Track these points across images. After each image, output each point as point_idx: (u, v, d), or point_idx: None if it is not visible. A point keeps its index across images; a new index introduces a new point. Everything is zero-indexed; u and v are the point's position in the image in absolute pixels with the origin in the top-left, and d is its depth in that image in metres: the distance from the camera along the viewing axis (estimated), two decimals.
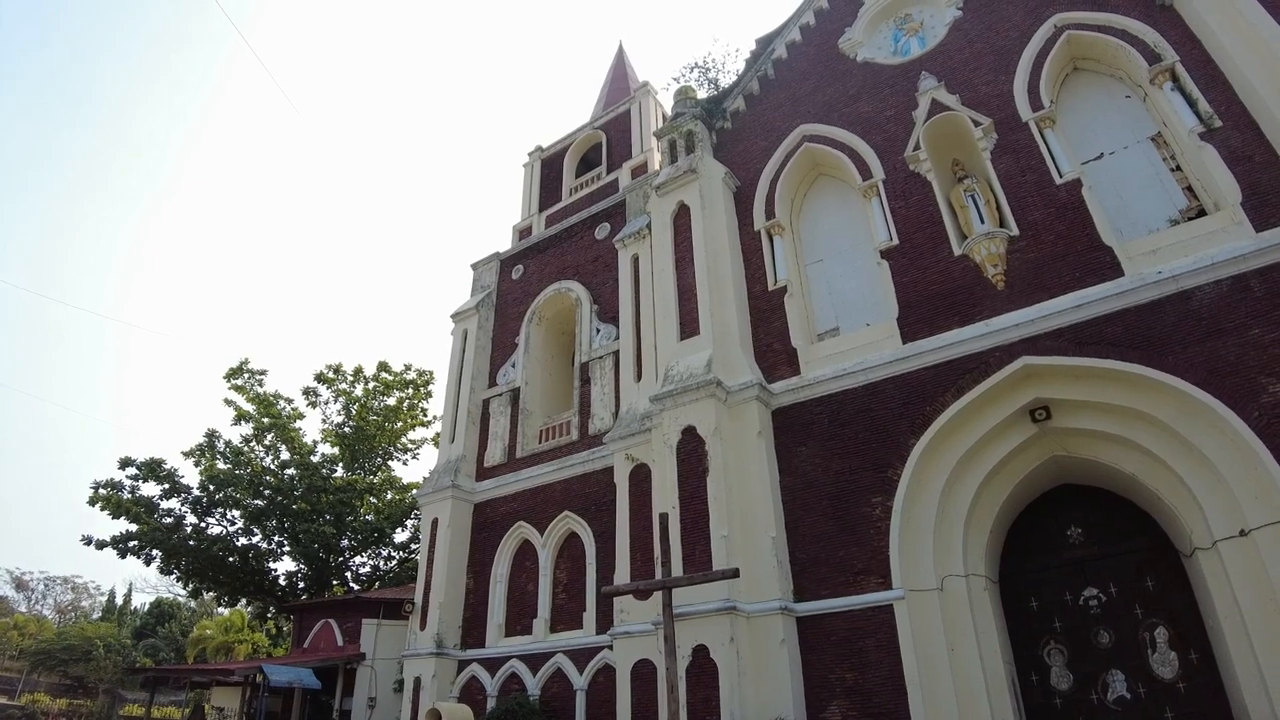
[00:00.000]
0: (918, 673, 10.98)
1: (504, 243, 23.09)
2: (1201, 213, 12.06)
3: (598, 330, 17.95)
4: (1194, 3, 12.63)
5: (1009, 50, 14.41)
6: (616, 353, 17.03)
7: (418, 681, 15.99)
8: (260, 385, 32.55)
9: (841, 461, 12.82)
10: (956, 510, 12.16)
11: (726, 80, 18.68)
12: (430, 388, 35.50)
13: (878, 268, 13.99)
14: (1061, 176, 12.81)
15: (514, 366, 19.20)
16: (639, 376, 15.95)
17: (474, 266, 22.07)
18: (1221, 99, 12.10)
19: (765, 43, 18.15)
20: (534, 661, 15.23)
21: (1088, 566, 12.46)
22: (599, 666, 14.22)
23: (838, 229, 15.49)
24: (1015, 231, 12.82)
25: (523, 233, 22.48)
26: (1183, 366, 10.78)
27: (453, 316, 20.94)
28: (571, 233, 20.32)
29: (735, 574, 10.82)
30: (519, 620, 16.14)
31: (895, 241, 13.96)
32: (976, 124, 13.89)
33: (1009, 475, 12.37)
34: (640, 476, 14.54)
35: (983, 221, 13.19)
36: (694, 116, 17.66)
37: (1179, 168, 12.62)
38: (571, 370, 18.38)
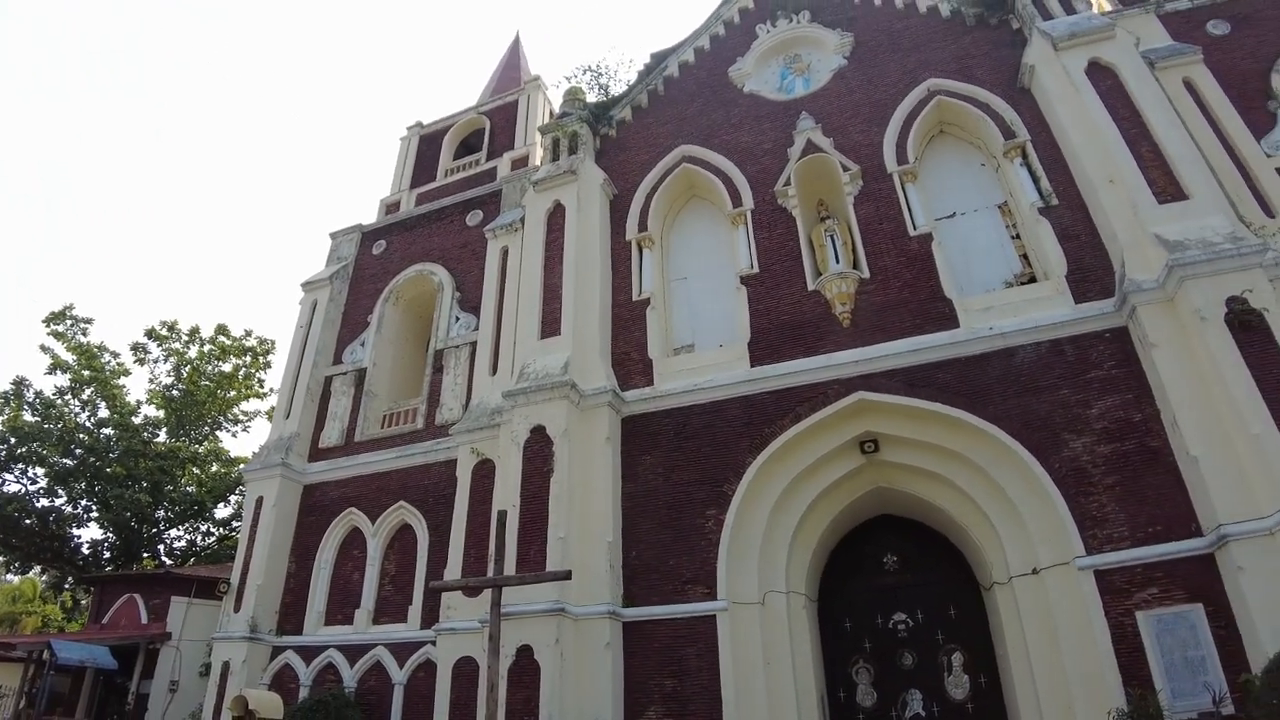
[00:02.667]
0: (734, 683, 11.43)
1: (368, 216, 22.23)
2: (1032, 279, 13.42)
3: (457, 318, 17.59)
4: (1048, 91, 14.02)
5: (884, 104, 15.44)
6: (474, 343, 16.74)
7: (226, 666, 15.01)
8: (84, 334, 29.77)
9: (682, 473, 13.21)
10: (784, 529, 12.79)
11: (617, 88, 18.96)
12: (270, 358, 33.52)
13: (736, 292, 14.55)
14: (915, 229, 13.90)
15: (363, 345, 18.43)
16: (494, 370, 15.76)
17: (333, 236, 21.03)
18: (1061, 180, 13.51)
19: (659, 58, 18.50)
20: (353, 653, 14.69)
21: (899, 593, 13.45)
22: (420, 662, 13.91)
23: (704, 250, 15.99)
24: (866, 274, 13.77)
25: (390, 207, 21.73)
26: (1001, 416, 11.90)
27: (303, 285, 19.81)
28: (442, 215, 19.81)
29: (568, 576, 10.96)
30: (341, 609, 15.51)
31: (755, 270, 14.60)
32: (845, 169, 14.81)
33: (835, 501, 13.16)
34: (483, 472, 14.39)
35: (838, 261, 14.03)
36: (581, 119, 17.71)
37: (1018, 236, 14.02)
38: (424, 356, 17.86)
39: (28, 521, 26.76)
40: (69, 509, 27.88)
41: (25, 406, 27.92)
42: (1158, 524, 10.75)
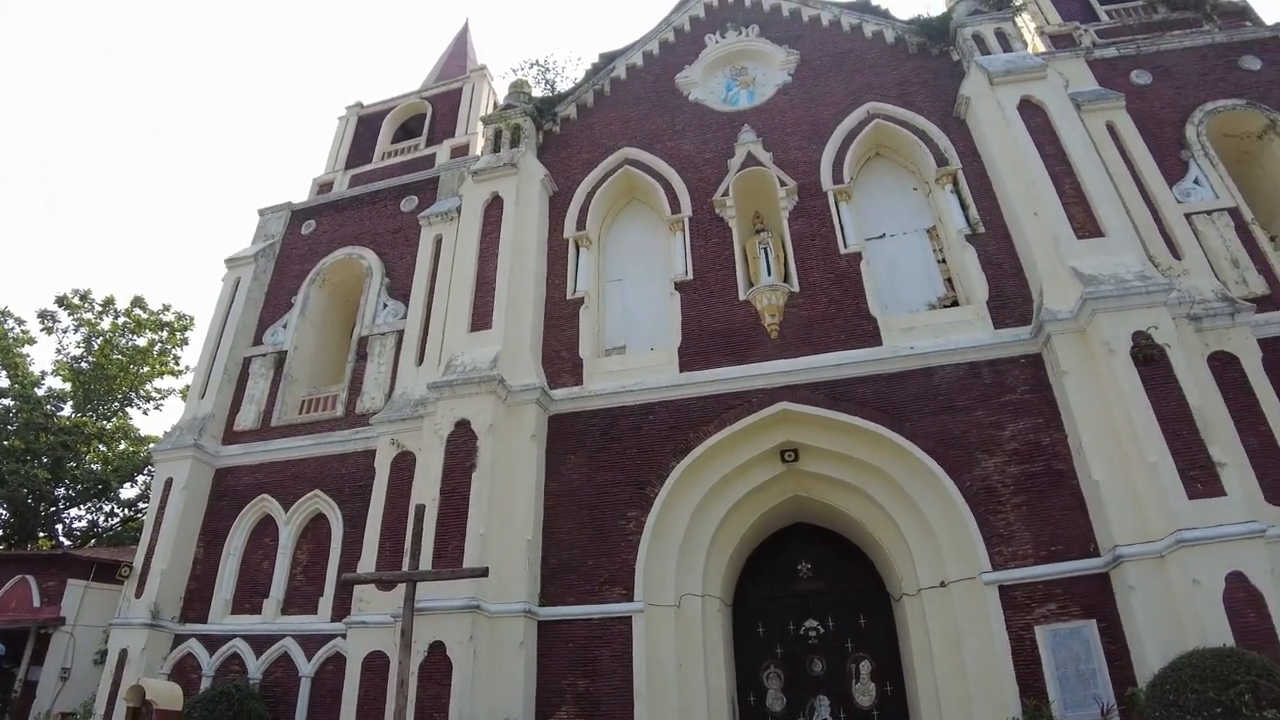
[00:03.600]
0: (646, 685, 11.49)
1: (299, 195, 21.58)
2: (955, 303, 13.97)
3: (384, 305, 17.20)
4: (981, 123, 14.62)
5: (824, 123, 15.83)
6: (401, 332, 16.38)
7: (124, 654, 14.25)
8: None
9: (606, 474, 13.23)
10: (704, 533, 12.95)
11: (564, 85, 18.76)
12: (188, 334, 32.11)
13: (670, 297, 14.68)
14: (846, 247, 14.31)
15: (285, 327, 17.84)
16: (420, 360, 15.45)
17: (261, 212, 20.30)
18: (988, 209, 14.10)
19: (608, 59, 18.50)
20: (260, 643, 14.17)
21: (812, 600, 13.74)
22: (329, 655, 13.52)
23: (641, 253, 16.06)
24: (796, 288, 14.08)
25: (323, 187, 21.11)
26: (917, 433, 12.33)
27: (227, 261, 19.04)
28: (376, 198, 19.35)
29: (485, 573, 10.92)
30: (249, 598, 14.95)
31: (690, 276, 14.75)
32: (782, 184, 15.12)
33: (754, 507, 13.39)
34: (403, 464, 14.11)
35: (769, 274, 14.31)
36: (525, 112, 17.57)
37: (944, 260, 14.56)
38: (348, 342, 17.36)
39: None
40: None
41: None
42: (1059, 543, 11.30)
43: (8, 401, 27.24)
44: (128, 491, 29.80)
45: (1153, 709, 9.02)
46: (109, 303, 30.74)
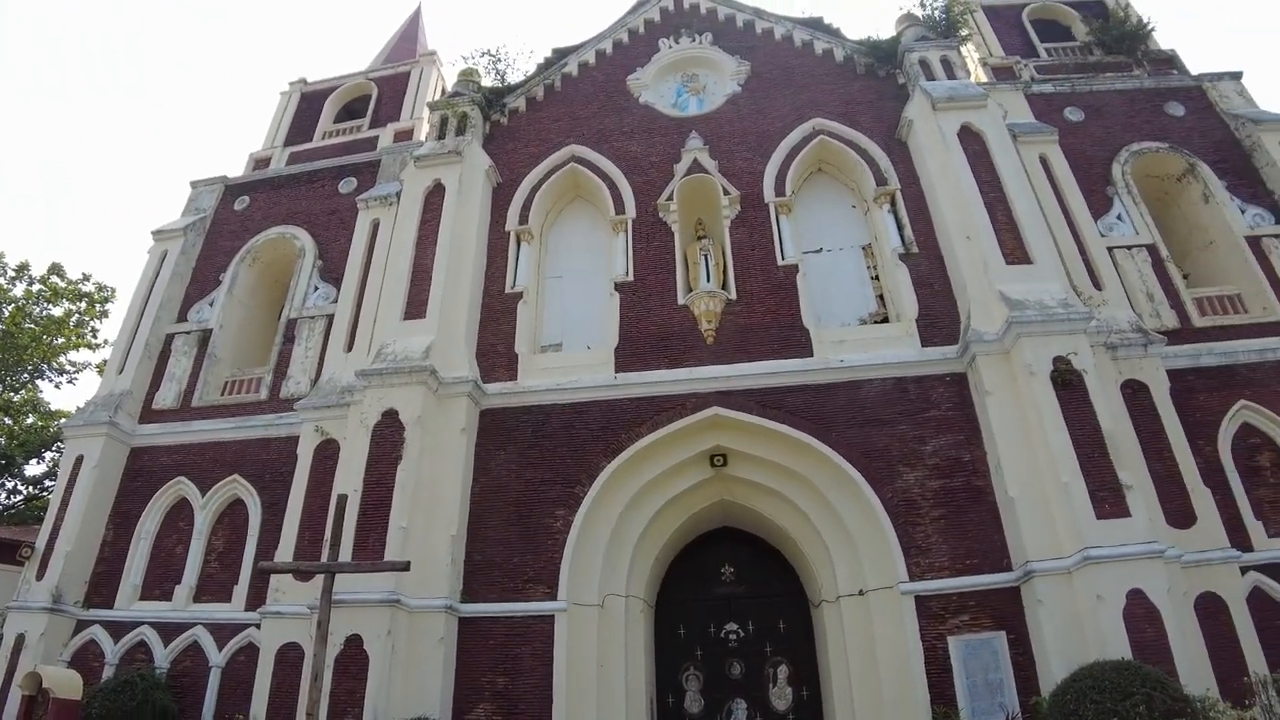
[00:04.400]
0: (566, 684, 11.45)
1: (234, 169, 20.89)
2: (885, 319, 14.37)
3: (316, 288, 16.75)
4: (921, 147, 15.09)
5: (770, 136, 16.07)
6: (331, 316, 15.97)
7: (21, 639, 13.44)
8: None
9: (536, 471, 13.13)
10: (630, 534, 12.98)
11: (515, 77, 18.56)
12: (108, 306, 30.71)
13: (609, 298, 14.68)
14: (784, 259, 14.55)
15: (212, 305, 17.22)
16: (350, 347, 15.07)
17: (193, 184, 19.57)
18: (923, 231, 14.54)
19: (561, 54, 18.44)
20: (169, 632, 13.59)
21: (733, 604, 13.90)
22: (242, 645, 13.07)
23: (582, 251, 16.03)
24: (734, 296, 14.25)
25: (260, 162, 20.48)
26: (843, 444, 12.62)
27: (154, 233, 18.28)
28: (314, 177, 18.86)
29: (406, 567, 10.78)
30: (160, 584, 14.30)
31: (630, 278, 14.78)
32: (726, 193, 15.31)
33: (682, 510, 13.50)
34: (327, 452, 13.78)
35: (708, 280, 14.45)
36: (473, 101, 17.34)
37: (877, 277, 14.97)
38: (277, 324, 16.86)
39: None
40: None
41: None
42: (974, 557, 11.70)
43: None
44: (33, 468, 28.39)
45: (1054, 718, 9.39)
46: (23, 268, 29.19)
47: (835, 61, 17.22)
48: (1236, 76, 17.56)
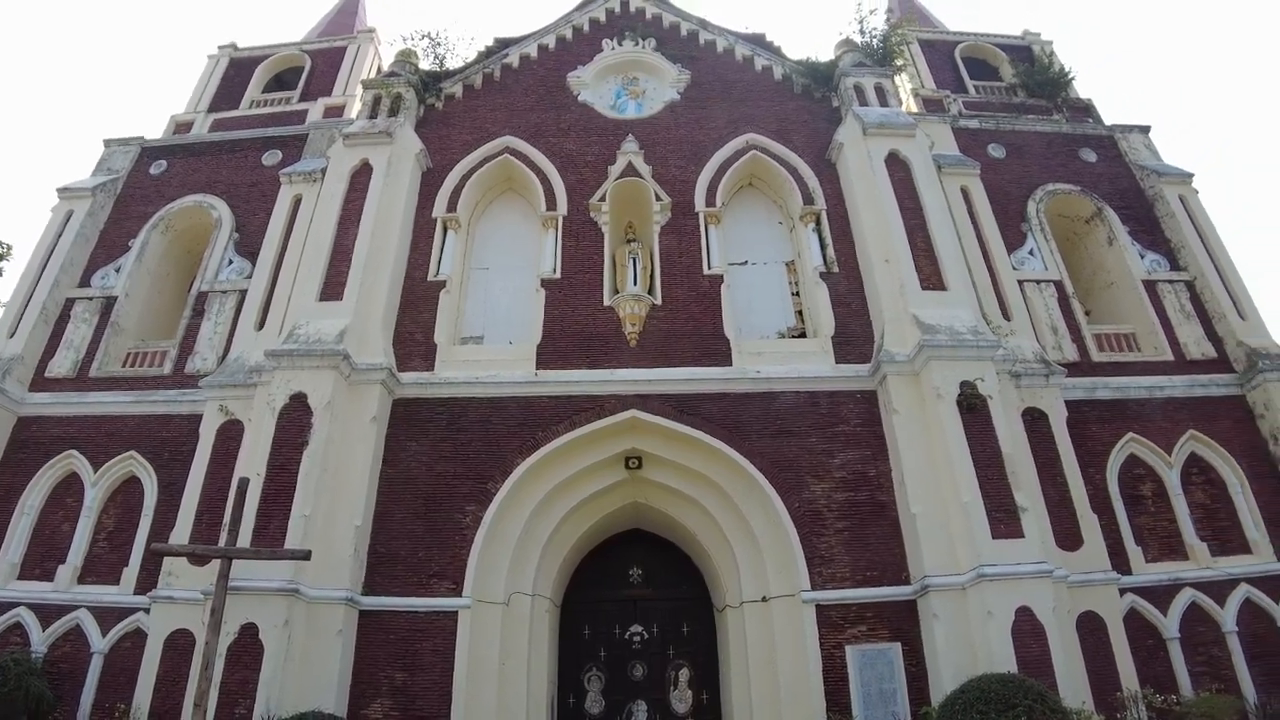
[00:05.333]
0: (466, 681, 11.29)
1: (152, 130, 19.96)
2: (803, 335, 14.75)
3: (230, 261, 16.09)
4: (849, 170, 15.53)
5: (705, 146, 16.28)
6: (244, 292, 15.34)
7: None
8: None
9: (448, 465, 12.90)
10: (541, 532, 12.91)
11: (454, 63, 18.24)
12: (2, 264, 29.04)
13: (535, 293, 14.56)
14: (710, 268, 14.78)
15: (118, 271, 16.30)
16: (261, 325, 14.52)
17: (107, 143, 18.51)
18: (845, 251, 14.98)
19: (503, 44, 18.26)
20: (49, 614, 12.71)
21: (640, 606, 13.98)
22: (128, 630, 12.38)
23: (511, 245, 15.86)
24: (659, 301, 14.36)
25: (181, 127, 19.57)
26: (755, 453, 12.86)
27: (59, 191, 17.18)
28: (238, 147, 18.13)
29: (307, 556, 10.51)
30: (41, 563, 13.33)
31: (558, 275, 14.70)
32: (658, 198, 15.43)
33: (594, 511, 13.51)
34: (230, 433, 13.25)
35: (635, 283, 14.52)
36: (409, 83, 16.98)
37: (798, 293, 15.35)
38: (186, 296, 16.16)
39: None
40: None
41: None
42: (875, 569, 12.10)
43: None
44: None
45: None
46: None
47: (774, 79, 17.57)
48: (1145, 130, 18.68)
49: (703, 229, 15.20)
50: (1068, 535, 12.73)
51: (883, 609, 11.84)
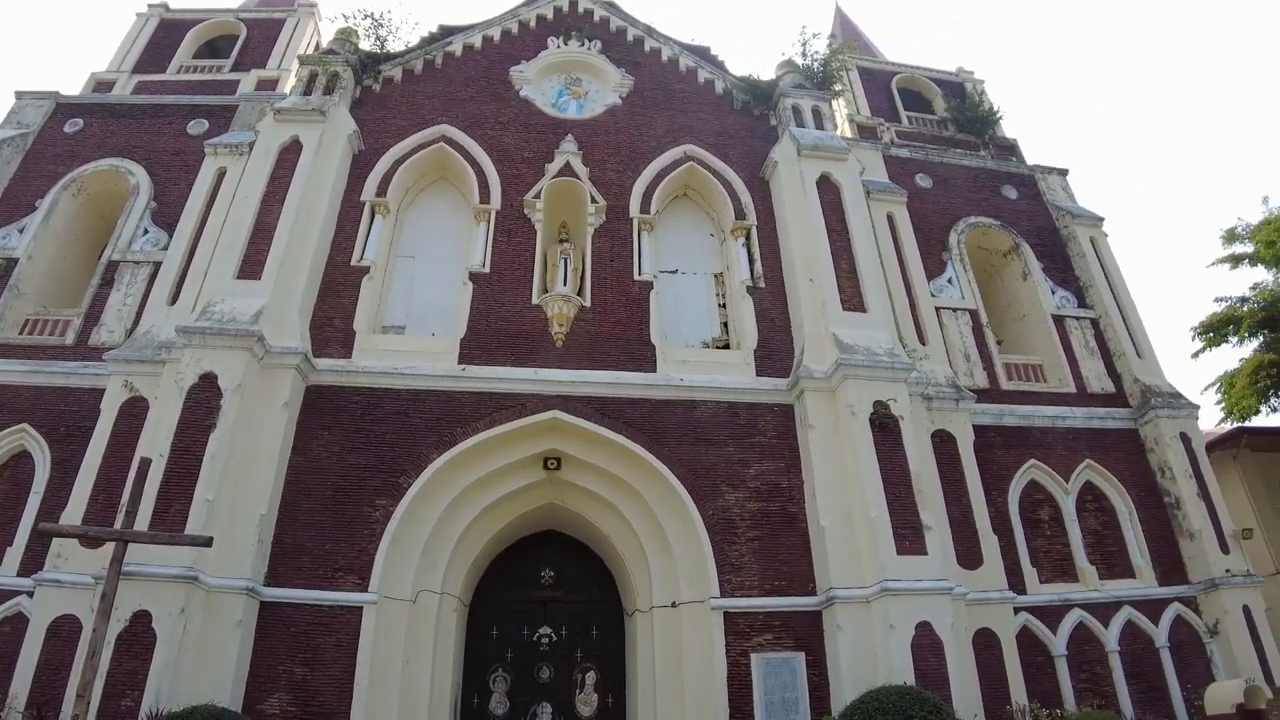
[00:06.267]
0: (369, 678, 11.03)
1: (70, 86, 18.94)
2: (726, 346, 14.96)
3: (146, 231, 15.35)
4: (782, 188, 15.85)
5: (644, 153, 16.37)
6: (158, 264, 14.65)
7: None
8: None
9: (360, 456, 12.58)
10: (453, 530, 12.71)
11: (395, 46, 17.87)
12: None
13: (462, 286, 14.35)
14: (640, 274, 14.85)
15: (21, 232, 15.34)
16: (174, 300, 13.91)
17: (19, 95, 17.41)
18: (771, 267, 15.28)
19: (447, 32, 17.98)
20: None
21: (549, 607, 13.91)
22: (8, 615, 11.57)
23: (440, 235, 15.60)
24: (588, 303, 14.35)
25: (102, 86, 18.61)
26: (673, 460, 12.99)
27: None
28: (162, 112, 17.33)
29: (208, 543, 10.11)
30: None
31: (486, 270, 14.52)
32: (594, 201, 15.41)
33: (509, 510, 13.39)
34: (134, 411, 12.63)
35: (565, 284, 14.45)
36: (347, 62, 16.56)
37: (724, 305, 15.56)
38: (96, 264, 15.37)
39: None
40: None
41: None
42: (783, 579, 12.36)
43: None
44: None
45: None
46: None
47: (715, 93, 17.79)
48: (1063, 173, 19.64)
49: (636, 235, 15.26)
50: (969, 554, 13.24)
51: (789, 618, 12.08)
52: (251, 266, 13.37)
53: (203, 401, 11.83)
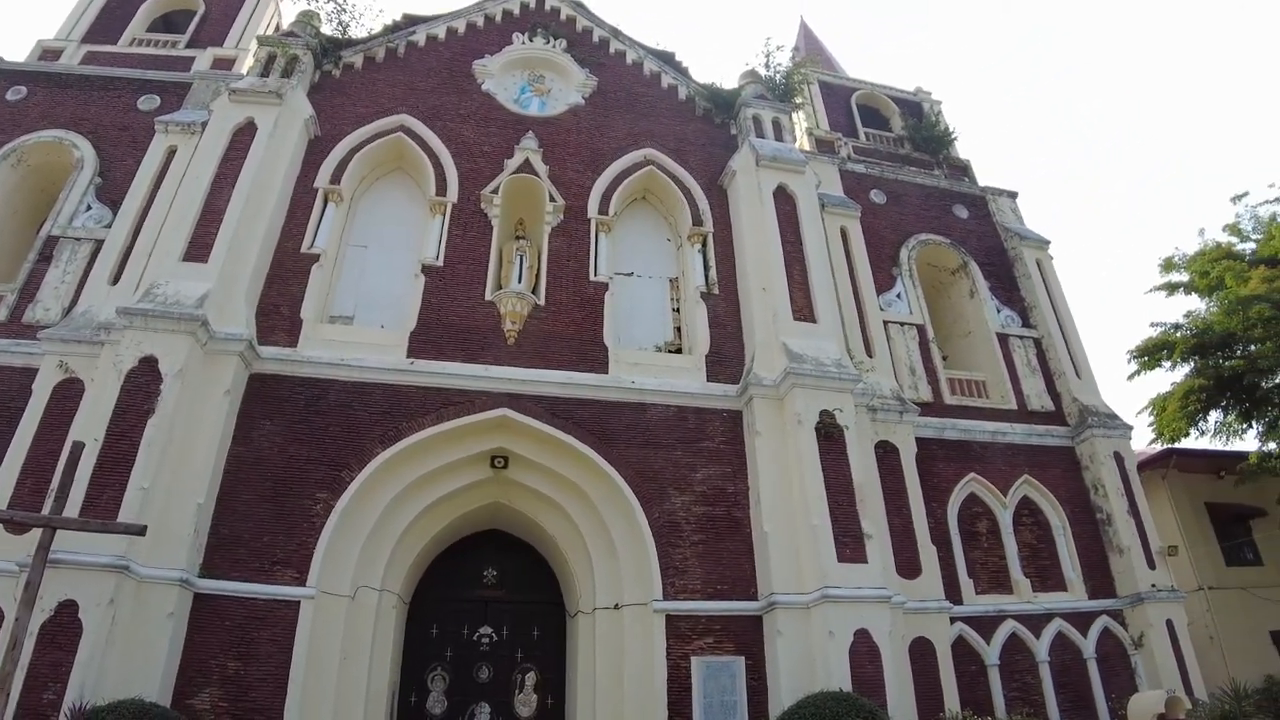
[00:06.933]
0: (304, 674, 10.78)
1: (15, 53, 18.27)
2: (679, 350, 15.05)
3: (89, 207, 14.82)
4: (739, 197, 16.03)
5: (604, 154, 16.38)
6: (100, 242, 14.17)
7: None
8: None
9: (302, 448, 12.28)
10: (395, 526, 12.51)
11: (358, 32, 17.54)
12: None
13: (414, 279, 14.14)
14: (596, 275, 14.84)
15: None
16: (115, 280, 13.48)
17: None
18: (726, 275, 15.43)
19: (411, 21, 17.74)
20: None
21: (490, 607, 13.79)
22: None
23: (393, 225, 15.35)
24: (542, 302, 14.28)
25: (48, 54, 17.95)
26: (622, 461, 12.99)
27: None
28: (112, 85, 16.75)
29: (142, 531, 9.81)
30: None
31: (440, 263, 14.32)
32: (552, 199, 15.35)
33: (454, 508, 13.23)
34: (68, 393, 12.17)
35: (519, 281, 14.36)
36: (307, 45, 16.19)
37: (678, 310, 15.63)
38: (34, 239, 14.81)
39: None
40: None
41: None
42: (726, 583, 12.47)
43: None
44: None
45: None
46: None
47: (678, 98, 17.89)
48: (1013, 196, 20.23)
49: (593, 236, 15.24)
50: (908, 564, 13.54)
51: (730, 622, 12.18)
52: (198, 249, 12.98)
53: (141, 386, 11.45)
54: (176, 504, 11.10)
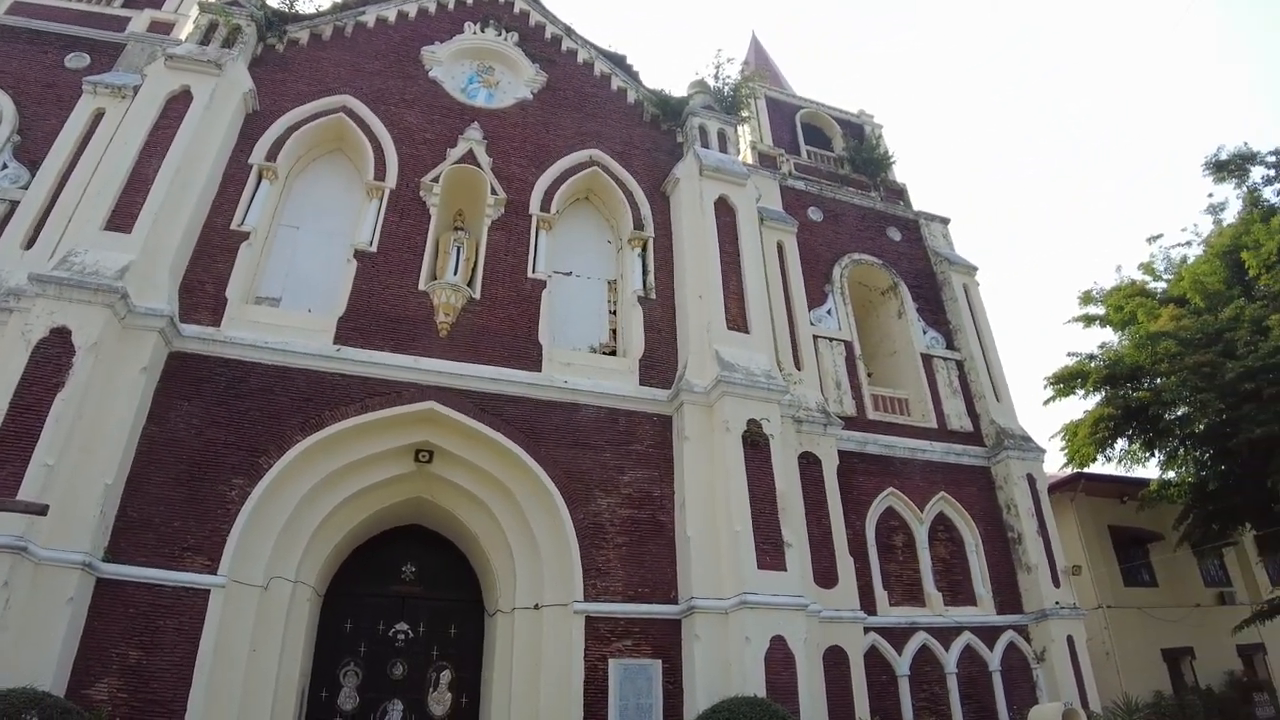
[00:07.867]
0: (211, 665, 10.38)
1: None
2: (613, 353, 15.10)
3: (4, 165, 13.94)
4: (681, 205, 16.25)
5: (549, 151, 16.34)
6: (15, 203, 13.35)
7: None
8: None
9: (219, 431, 11.84)
10: (312, 517, 12.18)
11: (305, 8, 17.03)
12: None
13: (346, 264, 13.83)
14: (534, 272, 14.77)
15: None
16: (30, 244, 12.70)
17: None
18: (664, 280, 15.57)
19: (361, 1, 17.34)
20: None
21: (408, 604, 13.55)
22: None
23: (328, 208, 14.99)
24: (477, 296, 14.13)
25: None
26: (550, 461, 12.95)
27: None
28: (39, 40, 15.82)
29: (43, 511, 9.15)
30: None
31: (373, 249, 14.02)
32: (494, 192, 15.22)
33: (374, 500, 12.95)
34: None
35: (455, 273, 14.20)
36: (251, 16, 15.65)
37: (615, 312, 15.69)
38: None
39: None
40: None
41: None
42: (647, 586, 12.55)
43: None
44: None
45: None
46: None
47: (627, 102, 17.97)
48: (945, 221, 20.90)
49: (534, 232, 15.16)
50: (825, 573, 13.85)
51: (649, 626, 12.25)
52: (122, 218, 12.40)
53: (52, 358, 10.86)
54: (83, 484, 10.54)
